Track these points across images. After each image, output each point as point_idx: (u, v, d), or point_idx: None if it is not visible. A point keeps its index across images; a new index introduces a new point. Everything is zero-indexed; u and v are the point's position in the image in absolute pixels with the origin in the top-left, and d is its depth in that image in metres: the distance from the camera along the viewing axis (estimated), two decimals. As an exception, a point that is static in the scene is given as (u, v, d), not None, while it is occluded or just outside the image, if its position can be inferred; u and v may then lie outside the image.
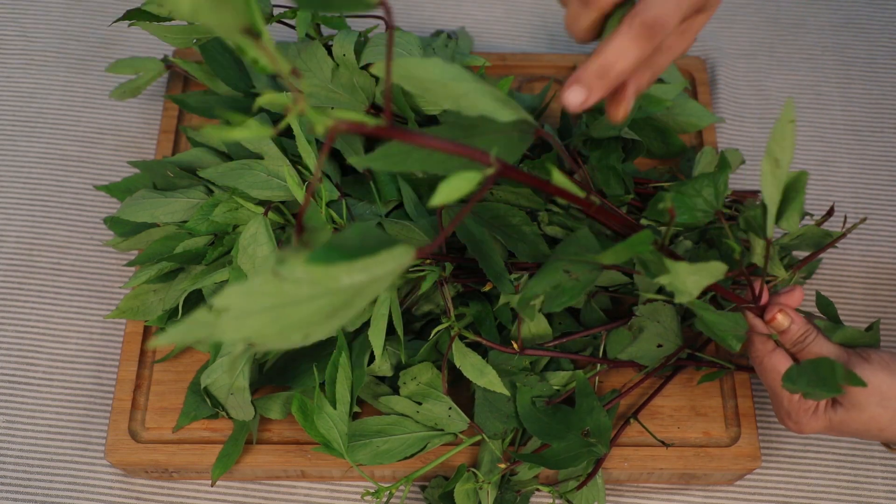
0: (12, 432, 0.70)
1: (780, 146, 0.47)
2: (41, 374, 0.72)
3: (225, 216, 0.63)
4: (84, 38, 0.90)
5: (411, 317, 0.67)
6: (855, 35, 0.93)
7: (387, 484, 0.67)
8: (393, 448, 0.62)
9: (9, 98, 0.86)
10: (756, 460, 0.65)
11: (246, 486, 0.68)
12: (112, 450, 0.64)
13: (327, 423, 0.60)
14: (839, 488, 0.69)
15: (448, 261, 0.62)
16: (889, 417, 0.54)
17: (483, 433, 0.62)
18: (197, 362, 0.68)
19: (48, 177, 0.81)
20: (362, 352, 0.62)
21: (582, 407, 0.62)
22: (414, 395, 0.62)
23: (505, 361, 0.63)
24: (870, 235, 0.80)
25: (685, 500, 0.68)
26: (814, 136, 0.86)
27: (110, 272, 0.76)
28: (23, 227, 0.78)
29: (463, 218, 0.61)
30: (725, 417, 0.67)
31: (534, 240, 0.63)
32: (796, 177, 0.49)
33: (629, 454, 0.65)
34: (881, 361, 0.53)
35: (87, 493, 0.67)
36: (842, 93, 0.89)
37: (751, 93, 0.89)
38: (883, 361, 0.53)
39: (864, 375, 0.52)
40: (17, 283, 0.76)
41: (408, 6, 0.94)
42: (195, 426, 0.66)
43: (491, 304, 0.65)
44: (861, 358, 0.54)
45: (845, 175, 0.84)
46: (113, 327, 0.74)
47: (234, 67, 0.72)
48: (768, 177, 0.48)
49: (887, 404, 0.53)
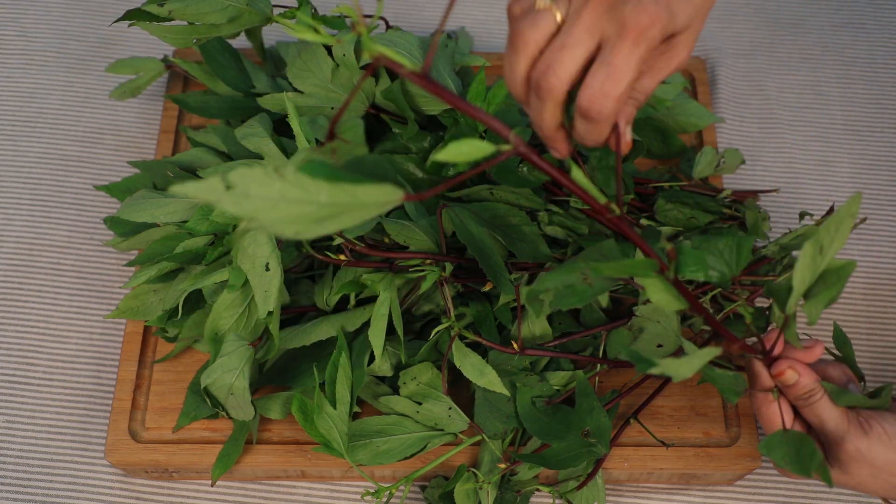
0: (12, 432, 0.70)
1: (831, 236, 0.45)
2: (41, 374, 0.72)
3: (225, 216, 0.63)
4: (84, 38, 0.90)
5: (411, 317, 0.67)
6: (855, 35, 0.93)
7: (387, 484, 0.67)
8: (393, 448, 0.62)
9: (9, 98, 0.86)
10: (756, 460, 0.65)
11: (246, 486, 0.68)
12: (112, 450, 0.64)
13: (327, 423, 0.60)
14: (839, 488, 0.69)
15: (448, 261, 0.62)
16: (877, 487, 0.54)
17: (483, 433, 0.62)
18: (197, 362, 0.68)
19: (48, 177, 0.81)
20: (362, 352, 0.62)
21: (582, 407, 0.62)
22: (414, 395, 0.62)
23: (505, 361, 0.63)
24: (870, 235, 0.80)
25: (685, 500, 0.68)
26: (814, 136, 0.86)
27: (110, 272, 0.76)
28: (23, 227, 0.78)
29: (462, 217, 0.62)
30: (725, 417, 0.67)
31: (534, 240, 0.63)
32: (841, 267, 0.46)
33: (629, 454, 0.65)
34: (880, 436, 0.52)
35: (87, 493, 0.67)
36: (842, 93, 0.89)
37: (751, 93, 0.89)
38: (884, 436, 0.52)
39: (859, 447, 0.52)
40: (17, 283, 0.76)
41: (408, 6, 0.94)
42: (195, 426, 0.66)
43: (491, 304, 0.65)
44: (861, 429, 0.53)
45: (845, 175, 0.84)
46: (113, 327, 0.74)
47: (234, 67, 0.72)
48: (807, 260, 0.45)
49: (877, 475, 0.53)
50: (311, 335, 0.63)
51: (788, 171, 0.84)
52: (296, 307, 0.67)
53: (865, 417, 0.53)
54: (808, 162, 0.85)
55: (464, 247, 0.64)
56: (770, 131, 0.87)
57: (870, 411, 0.54)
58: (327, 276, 0.65)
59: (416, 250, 0.62)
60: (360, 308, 0.64)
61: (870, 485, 0.54)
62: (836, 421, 0.52)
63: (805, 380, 0.52)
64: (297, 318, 0.67)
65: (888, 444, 0.52)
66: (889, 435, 0.52)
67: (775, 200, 0.82)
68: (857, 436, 0.52)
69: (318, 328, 0.63)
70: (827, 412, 0.53)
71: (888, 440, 0.52)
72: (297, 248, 0.65)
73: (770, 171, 0.84)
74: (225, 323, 0.61)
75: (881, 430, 0.52)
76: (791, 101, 0.89)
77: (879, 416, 0.53)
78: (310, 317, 0.66)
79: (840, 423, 0.52)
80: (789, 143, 0.86)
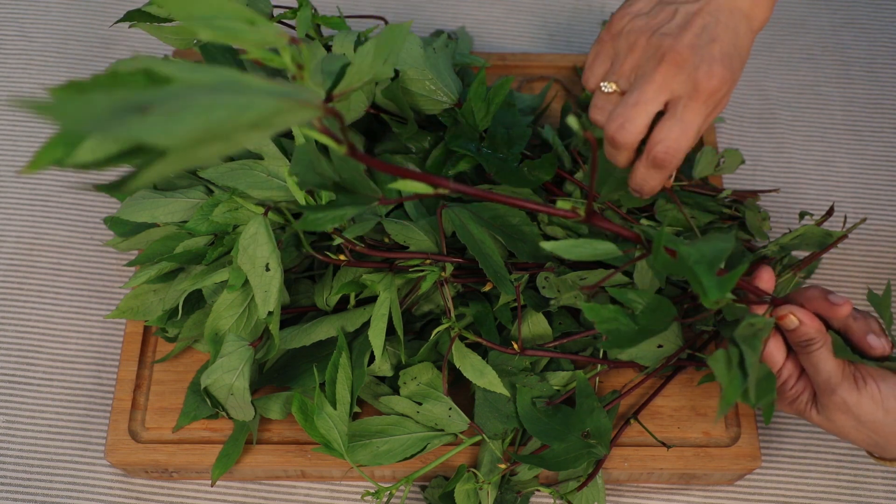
0: (12, 432, 0.70)
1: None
2: (41, 374, 0.72)
3: (225, 216, 0.63)
4: (84, 38, 0.90)
5: (411, 317, 0.67)
6: (855, 35, 0.93)
7: (387, 484, 0.67)
8: (393, 448, 0.62)
9: (9, 98, 0.86)
10: (756, 460, 0.65)
11: (246, 486, 0.68)
12: (112, 450, 0.64)
13: (327, 424, 0.60)
14: (839, 488, 0.69)
15: (448, 261, 0.62)
16: (858, 438, 0.54)
17: (483, 433, 0.62)
18: (197, 362, 0.68)
19: (48, 177, 0.81)
20: (362, 352, 0.62)
21: (582, 408, 0.62)
22: (414, 396, 0.62)
23: (505, 362, 0.63)
24: (870, 235, 0.80)
25: (685, 500, 0.68)
26: (814, 136, 0.86)
27: (110, 272, 0.76)
28: (23, 227, 0.78)
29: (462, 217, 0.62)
30: (725, 417, 0.67)
31: (534, 240, 0.63)
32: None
33: (629, 454, 0.65)
34: (873, 395, 0.52)
35: (87, 493, 0.67)
36: (842, 93, 0.89)
37: (751, 93, 0.89)
38: (876, 395, 0.52)
39: (847, 401, 0.52)
40: (17, 283, 0.76)
41: (408, 6, 0.94)
42: (195, 426, 0.66)
43: (491, 304, 0.65)
44: (854, 384, 0.53)
45: (845, 175, 0.84)
46: (113, 327, 0.74)
47: (234, 68, 0.72)
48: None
49: (860, 429, 0.53)
50: (311, 335, 0.63)
51: (788, 171, 0.84)
52: (296, 307, 0.67)
53: (863, 373, 0.53)
54: (808, 162, 0.85)
55: (464, 247, 0.64)
56: (770, 131, 0.87)
57: (872, 368, 0.53)
58: (327, 276, 0.65)
59: (416, 250, 0.62)
60: (360, 308, 0.64)
61: (850, 434, 0.54)
62: (829, 372, 0.53)
63: (806, 328, 0.52)
64: (297, 318, 0.67)
65: (878, 403, 0.52)
66: (882, 395, 0.52)
67: (775, 200, 0.82)
68: (847, 390, 0.53)
69: (318, 328, 0.63)
70: (823, 362, 0.53)
71: (879, 400, 0.52)
72: (297, 249, 0.65)
73: (770, 171, 0.84)
74: (225, 323, 0.61)
75: (875, 389, 0.53)
76: (791, 101, 0.89)
77: (880, 375, 0.53)
78: (310, 317, 0.66)
79: (833, 375, 0.53)
80: (789, 143, 0.86)
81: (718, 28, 0.53)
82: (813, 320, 0.52)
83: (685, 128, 0.53)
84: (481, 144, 0.67)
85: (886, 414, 0.52)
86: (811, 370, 0.54)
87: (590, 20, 0.95)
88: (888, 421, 0.52)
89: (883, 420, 0.52)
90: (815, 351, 0.53)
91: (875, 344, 0.53)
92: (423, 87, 0.66)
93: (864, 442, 0.55)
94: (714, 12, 0.53)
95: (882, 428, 0.53)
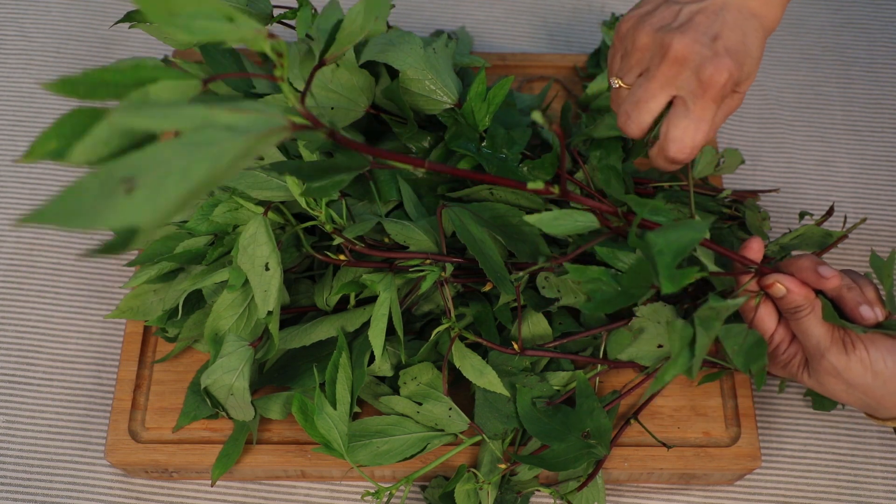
0: (12, 432, 0.70)
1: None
2: (41, 374, 0.72)
3: (225, 216, 0.63)
4: (84, 38, 0.90)
5: (411, 317, 0.67)
6: (855, 35, 0.93)
7: (387, 484, 0.67)
8: (393, 448, 0.62)
9: (9, 98, 0.86)
10: (756, 460, 0.65)
11: (246, 486, 0.68)
12: (112, 450, 0.64)
13: (327, 424, 0.60)
14: (839, 488, 0.69)
15: (448, 261, 0.62)
16: (851, 400, 0.56)
17: (483, 434, 0.62)
18: (197, 362, 0.68)
19: (48, 177, 0.81)
20: (362, 352, 0.62)
21: (582, 408, 0.62)
22: (414, 396, 0.62)
23: (505, 362, 0.63)
24: (870, 235, 0.80)
25: (685, 500, 0.68)
26: (814, 136, 0.86)
27: (110, 272, 0.76)
28: (23, 227, 0.78)
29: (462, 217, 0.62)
30: (725, 417, 0.67)
31: (534, 240, 0.63)
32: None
33: (629, 454, 0.65)
34: (862, 359, 0.53)
35: (87, 493, 0.67)
36: (842, 93, 0.89)
37: (751, 93, 0.89)
38: (865, 359, 0.53)
39: (836, 365, 0.53)
40: (17, 283, 0.76)
41: (408, 6, 0.94)
42: (195, 426, 0.66)
43: (491, 304, 0.65)
44: (843, 349, 0.54)
45: (845, 175, 0.84)
46: (113, 327, 0.74)
47: (235, 68, 0.72)
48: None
49: (851, 392, 0.55)
50: (311, 335, 0.63)
51: (788, 171, 0.84)
52: (296, 307, 0.67)
53: (852, 338, 0.54)
54: (808, 162, 0.85)
55: (464, 247, 0.64)
56: (770, 131, 0.87)
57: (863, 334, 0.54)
58: (327, 276, 0.65)
59: (416, 250, 0.62)
60: (360, 308, 0.64)
61: (842, 397, 0.56)
62: (818, 338, 0.54)
63: (793, 296, 0.53)
64: (297, 318, 0.67)
65: (867, 368, 0.53)
66: (871, 360, 0.53)
67: (775, 200, 0.82)
68: (836, 354, 0.54)
69: (318, 328, 0.63)
70: (812, 328, 0.54)
71: (868, 364, 0.53)
72: (297, 248, 0.65)
73: (770, 171, 0.84)
74: (225, 323, 0.61)
75: (864, 354, 0.53)
76: (791, 101, 0.89)
77: (870, 340, 0.54)
78: (310, 317, 0.66)
79: (822, 340, 0.54)
80: (789, 143, 0.86)
81: (723, 25, 0.53)
82: (801, 288, 0.53)
83: (697, 125, 0.54)
84: (481, 144, 0.67)
85: (875, 377, 0.53)
86: (801, 335, 0.55)
87: (590, 20, 0.95)
88: (877, 384, 0.53)
89: (872, 384, 0.53)
90: (804, 318, 0.54)
91: (867, 314, 0.54)
92: (422, 87, 0.66)
93: (856, 403, 0.56)
94: (719, 10, 0.54)
95: (872, 391, 0.54)
